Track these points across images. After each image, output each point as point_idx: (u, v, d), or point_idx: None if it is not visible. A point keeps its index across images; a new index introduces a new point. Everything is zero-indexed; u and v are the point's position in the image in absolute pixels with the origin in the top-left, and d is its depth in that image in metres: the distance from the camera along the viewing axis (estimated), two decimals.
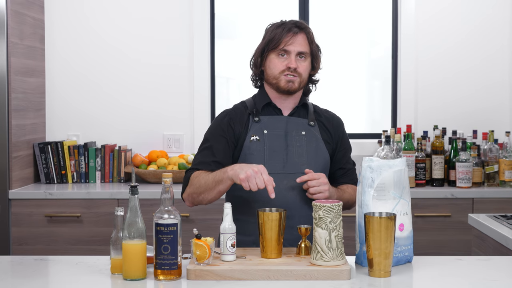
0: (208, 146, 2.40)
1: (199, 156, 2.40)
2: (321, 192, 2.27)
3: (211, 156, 2.37)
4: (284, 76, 2.37)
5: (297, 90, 2.41)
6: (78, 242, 3.70)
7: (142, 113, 4.27)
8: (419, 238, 3.55)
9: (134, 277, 1.91)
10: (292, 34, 2.37)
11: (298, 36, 2.38)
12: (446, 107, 4.27)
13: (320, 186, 2.26)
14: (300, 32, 2.39)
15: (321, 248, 1.96)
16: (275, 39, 2.37)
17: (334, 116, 2.53)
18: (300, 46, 2.37)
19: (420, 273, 2.03)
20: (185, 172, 2.41)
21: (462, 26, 4.27)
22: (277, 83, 2.39)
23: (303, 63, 2.38)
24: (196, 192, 2.31)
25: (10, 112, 3.69)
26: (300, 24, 2.41)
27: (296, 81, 2.38)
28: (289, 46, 2.36)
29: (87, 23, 4.26)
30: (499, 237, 2.54)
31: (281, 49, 2.37)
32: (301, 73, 2.38)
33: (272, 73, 2.39)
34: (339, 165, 2.48)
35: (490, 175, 3.92)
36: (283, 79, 2.37)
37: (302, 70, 2.38)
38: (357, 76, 4.49)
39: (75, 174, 4.05)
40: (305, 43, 2.39)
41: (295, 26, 2.39)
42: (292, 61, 2.36)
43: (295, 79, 2.37)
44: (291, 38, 2.37)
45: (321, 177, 2.28)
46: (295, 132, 2.40)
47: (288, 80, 2.37)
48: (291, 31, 2.38)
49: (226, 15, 4.42)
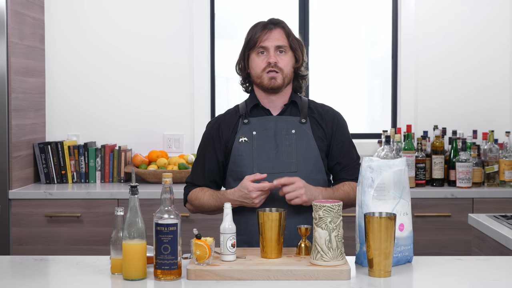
0: (200, 156, 2.51)
1: (194, 166, 2.53)
2: (297, 197, 2.26)
3: (202, 167, 2.48)
4: (266, 74, 2.39)
5: (282, 87, 2.42)
6: (78, 242, 3.70)
7: (142, 113, 4.27)
8: (419, 238, 3.55)
9: (134, 277, 1.91)
10: (267, 30, 2.41)
11: (273, 32, 2.41)
12: (446, 107, 4.27)
13: (296, 191, 2.26)
14: (276, 27, 2.43)
15: (321, 248, 1.96)
16: (253, 39, 2.41)
17: (328, 110, 2.50)
18: (276, 41, 2.40)
19: (420, 273, 2.03)
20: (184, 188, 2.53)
21: (462, 26, 4.27)
22: (260, 82, 2.41)
23: (283, 57, 2.40)
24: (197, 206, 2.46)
25: (10, 112, 3.69)
26: (274, 20, 2.45)
27: (278, 77, 2.39)
28: (265, 42, 2.39)
29: (87, 23, 4.26)
30: (499, 237, 2.54)
31: (259, 46, 2.40)
32: (282, 68, 2.39)
33: (255, 73, 2.42)
34: (336, 160, 2.44)
35: (490, 175, 3.92)
36: (265, 77, 2.39)
37: (283, 64, 2.40)
38: (357, 76, 4.49)
39: (75, 174, 4.05)
40: (282, 37, 2.42)
41: (269, 22, 2.44)
42: (271, 56, 2.38)
43: (277, 75, 2.39)
44: (266, 33, 2.40)
45: (296, 181, 2.26)
46: (285, 131, 2.41)
47: (270, 77, 2.39)
48: (266, 27, 2.42)
49: (226, 15, 4.42)
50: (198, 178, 2.49)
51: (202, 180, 2.47)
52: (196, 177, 2.49)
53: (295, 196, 2.25)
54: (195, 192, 2.45)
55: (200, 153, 2.51)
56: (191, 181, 2.50)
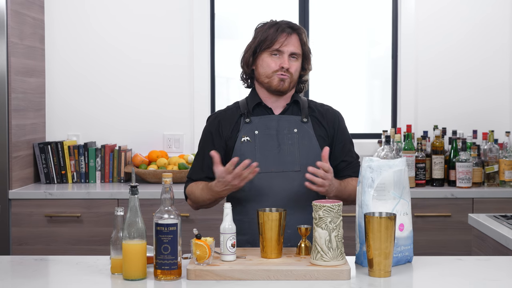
0: (199, 152, 2.52)
1: (194, 161, 2.53)
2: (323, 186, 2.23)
3: (201, 163, 2.49)
4: (276, 75, 2.40)
5: (288, 90, 2.44)
6: (78, 242, 3.70)
7: (142, 113, 4.27)
8: (419, 238, 3.55)
9: (134, 277, 1.91)
10: (286, 34, 2.40)
11: (292, 37, 2.41)
12: (446, 107, 4.27)
13: (325, 180, 2.24)
14: (294, 33, 2.43)
15: (321, 248, 1.96)
16: (269, 39, 2.40)
17: (329, 109, 2.51)
18: (293, 47, 2.41)
19: (420, 273, 2.03)
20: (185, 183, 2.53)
21: (462, 26, 4.27)
22: (269, 82, 2.41)
23: (294, 63, 2.42)
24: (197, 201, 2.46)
25: (10, 112, 3.69)
26: (294, 25, 2.45)
27: (287, 80, 2.41)
28: (282, 47, 2.39)
29: (87, 23, 4.26)
30: (499, 237, 2.54)
31: (275, 49, 2.40)
32: (292, 73, 2.41)
33: (264, 72, 2.42)
34: (341, 158, 2.47)
35: (490, 175, 3.92)
36: (276, 78, 2.40)
37: (293, 70, 2.41)
38: (357, 76, 4.49)
39: (75, 174, 4.05)
40: (298, 44, 2.43)
41: (288, 26, 2.43)
42: (285, 61, 2.39)
43: (286, 78, 2.40)
44: (286, 39, 2.40)
45: (330, 171, 2.24)
46: (287, 130, 2.41)
47: (280, 79, 2.39)
48: (285, 31, 2.41)
49: (226, 15, 4.42)
50: (197, 174, 2.49)
51: (201, 175, 2.48)
52: (195, 172, 2.50)
53: (321, 184, 2.23)
54: (191, 187, 2.47)
55: (199, 149, 2.52)
56: (190, 176, 2.52)
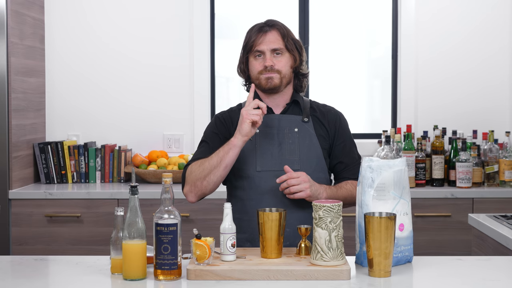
0: (204, 144, 2.45)
1: (197, 152, 2.44)
2: (301, 190, 2.24)
3: (208, 150, 2.38)
4: (263, 75, 2.40)
5: (280, 86, 2.42)
6: (78, 242, 3.70)
7: (142, 113, 4.27)
8: (419, 238, 3.55)
9: (134, 277, 1.91)
10: (262, 33, 2.41)
11: (268, 34, 2.41)
12: (446, 107, 4.27)
13: (301, 184, 2.24)
14: (271, 29, 2.42)
15: (321, 248, 1.96)
16: (249, 42, 2.42)
17: (330, 110, 2.52)
18: (272, 44, 2.40)
19: (420, 273, 2.03)
20: (184, 168, 2.40)
21: (463, 26, 4.27)
22: (259, 83, 2.42)
23: (280, 59, 2.40)
24: (201, 176, 2.29)
25: (10, 112, 3.69)
26: (270, 22, 2.44)
27: (275, 77, 2.39)
28: (260, 46, 2.39)
29: (87, 23, 4.26)
30: (499, 237, 2.54)
31: (255, 50, 2.40)
32: (279, 69, 2.40)
33: (253, 75, 2.44)
34: (338, 159, 2.46)
35: (490, 175, 3.92)
36: (262, 78, 2.40)
37: (280, 66, 2.40)
38: (357, 76, 4.49)
39: (75, 174, 4.05)
40: (277, 39, 2.41)
41: (265, 25, 2.43)
42: (267, 59, 2.38)
43: (273, 75, 2.39)
44: (261, 37, 2.40)
45: (301, 175, 2.26)
46: (288, 129, 2.41)
47: (266, 78, 2.39)
48: (261, 30, 2.41)
49: (226, 15, 4.42)
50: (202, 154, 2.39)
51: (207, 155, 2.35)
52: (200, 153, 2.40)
53: (300, 190, 2.24)
54: (191, 167, 2.34)
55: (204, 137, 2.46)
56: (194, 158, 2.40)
